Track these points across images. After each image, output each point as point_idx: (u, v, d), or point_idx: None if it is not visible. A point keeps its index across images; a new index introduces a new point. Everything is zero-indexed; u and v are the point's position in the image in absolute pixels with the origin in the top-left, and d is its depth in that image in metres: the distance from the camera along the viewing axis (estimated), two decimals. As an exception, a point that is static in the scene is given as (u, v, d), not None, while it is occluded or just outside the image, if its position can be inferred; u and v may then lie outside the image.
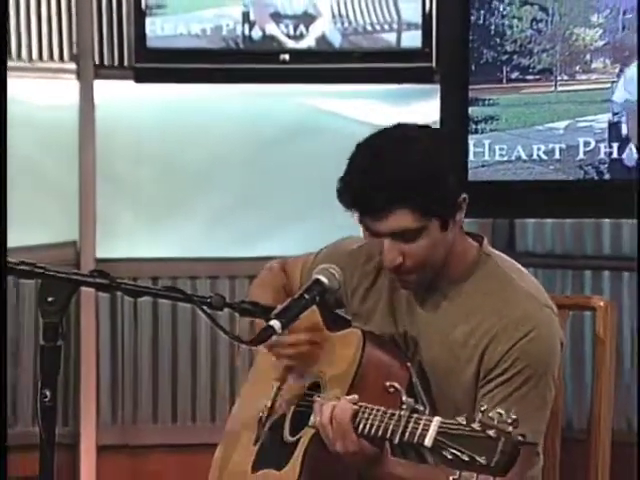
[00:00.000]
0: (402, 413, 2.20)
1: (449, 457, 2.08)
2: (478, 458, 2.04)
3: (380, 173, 2.35)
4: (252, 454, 2.52)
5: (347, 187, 2.37)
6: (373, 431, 2.25)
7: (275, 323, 2.36)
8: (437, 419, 2.13)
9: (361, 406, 2.29)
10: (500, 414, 2.05)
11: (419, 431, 2.15)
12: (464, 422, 2.09)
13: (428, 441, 2.11)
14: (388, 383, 2.28)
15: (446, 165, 2.40)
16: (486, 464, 2.04)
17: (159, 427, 4.78)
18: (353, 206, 2.38)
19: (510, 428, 2.04)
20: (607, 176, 3.22)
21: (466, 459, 2.06)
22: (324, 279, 2.46)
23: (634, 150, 3.23)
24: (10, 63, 4.59)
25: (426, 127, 2.50)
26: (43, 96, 4.71)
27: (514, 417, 2.05)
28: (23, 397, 4.61)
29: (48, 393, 2.24)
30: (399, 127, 2.44)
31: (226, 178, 4.80)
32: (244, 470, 2.51)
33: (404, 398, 2.22)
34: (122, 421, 4.75)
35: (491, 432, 2.05)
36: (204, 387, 4.78)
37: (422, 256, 2.38)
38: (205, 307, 2.37)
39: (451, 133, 3.31)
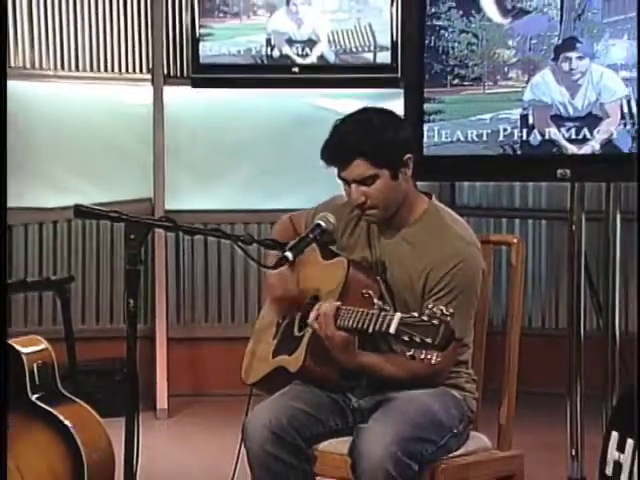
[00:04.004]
0: (374, 312, 2.20)
1: (406, 339, 2.10)
2: (426, 339, 2.07)
3: (344, 136, 2.36)
4: (272, 345, 2.51)
5: (324, 149, 2.39)
6: (354, 324, 2.24)
7: (288, 254, 2.37)
8: (398, 314, 2.15)
9: (342, 307, 2.28)
10: (441, 309, 2.08)
11: (385, 322, 2.15)
12: (417, 315, 2.11)
13: (392, 329, 2.13)
14: (364, 291, 2.26)
15: (392, 131, 2.37)
16: (431, 343, 2.06)
17: (209, 325, 4.79)
18: (328, 160, 2.38)
19: (448, 318, 2.07)
20: (519, 152, 3.19)
21: (418, 340, 2.08)
22: (322, 223, 2.46)
23: (537, 135, 3.19)
24: (105, 74, 4.60)
25: (381, 109, 2.44)
26: (128, 97, 4.69)
27: (451, 311, 2.08)
28: (118, 304, 4.63)
29: (132, 301, 2.24)
30: (362, 110, 2.43)
31: (255, 153, 4.78)
32: (267, 357, 2.50)
33: (375, 301, 2.21)
34: (184, 321, 4.77)
35: (435, 321, 2.07)
36: (239, 297, 4.78)
37: (378, 197, 2.36)
38: (240, 243, 2.37)
39: (411, 123, 3.29)
